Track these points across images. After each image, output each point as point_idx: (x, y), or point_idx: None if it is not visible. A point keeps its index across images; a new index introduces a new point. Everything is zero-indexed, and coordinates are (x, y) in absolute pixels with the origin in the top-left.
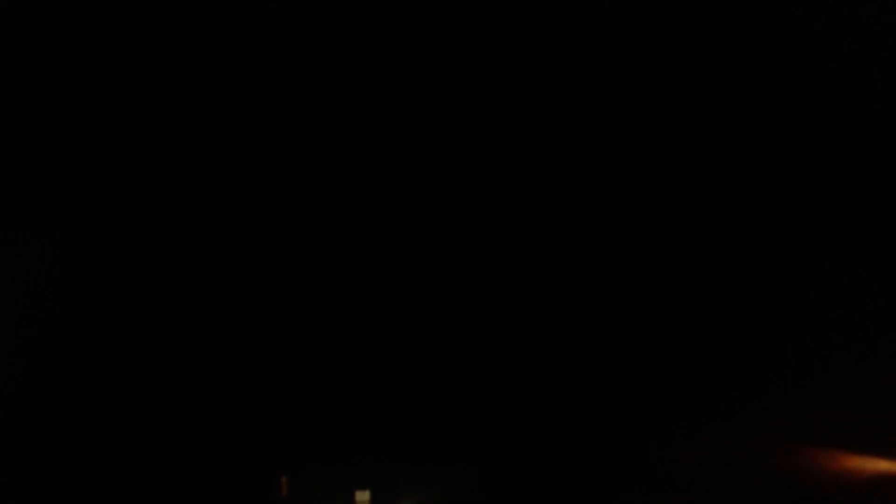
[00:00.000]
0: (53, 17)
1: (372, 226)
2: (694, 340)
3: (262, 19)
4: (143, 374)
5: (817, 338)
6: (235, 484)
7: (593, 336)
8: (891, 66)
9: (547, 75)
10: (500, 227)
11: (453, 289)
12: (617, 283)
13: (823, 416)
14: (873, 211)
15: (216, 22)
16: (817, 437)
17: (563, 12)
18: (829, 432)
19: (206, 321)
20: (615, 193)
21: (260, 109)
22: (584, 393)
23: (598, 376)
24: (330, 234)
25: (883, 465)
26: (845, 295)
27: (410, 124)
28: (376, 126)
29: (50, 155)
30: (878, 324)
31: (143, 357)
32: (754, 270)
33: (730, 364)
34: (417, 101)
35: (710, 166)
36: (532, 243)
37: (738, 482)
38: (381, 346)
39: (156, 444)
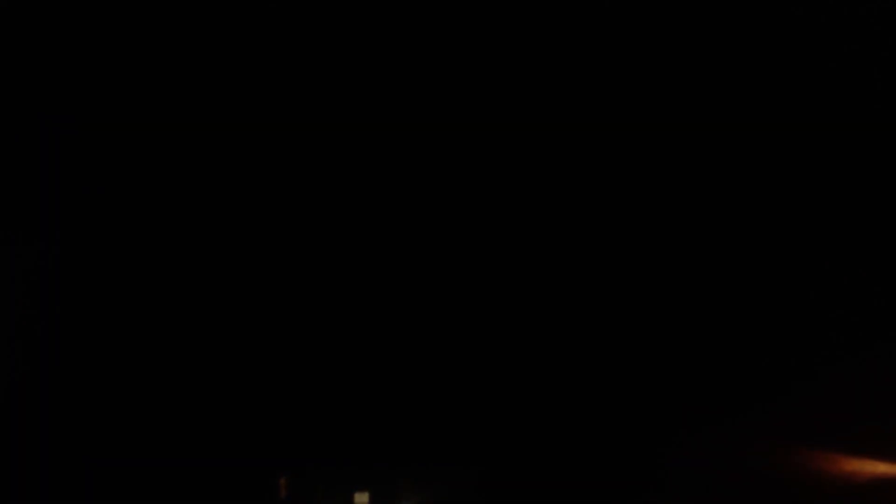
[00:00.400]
0: (53, 17)
1: (372, 226)
2: (692, 342)
3: (262, 19)
4: (142, 375)
5: (816, 339)
6: (234, 485)
7: (593, 337)
8: (891, 66)
9: (547, 75)
10: (499, 228)
11: (452, 290)
12: (615, 285)
13: (822, 418)
14: (873, 211)
15: (216, 22)
16: (816, 440)
17: (562, 12)
18: (827, 434)
19: (206, 321)
20: (615, 193)
21: (260, 109)
22: (584, 394)
23: (598, 377)
24: (330, 235)
25: (881, 468)
26: (845, 296)
27: (410, 124)
28: (376, 126)
29: (50, 155)
30: (877, 325)
31: (142, 357)
32: (754, 272)
33: (729, 365)
34: (417, 101)
35: (711, 166)
36: (532, 243)
37: (737, 484)
38: (380, 348)
39: (154, 445)
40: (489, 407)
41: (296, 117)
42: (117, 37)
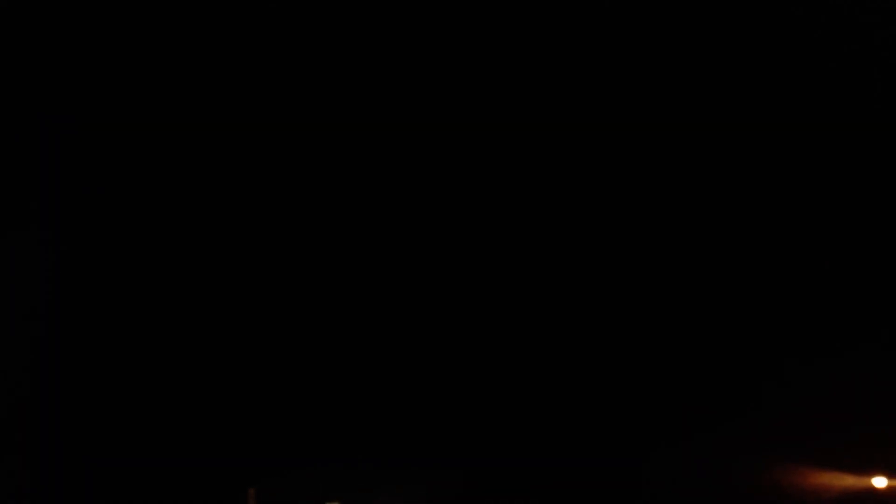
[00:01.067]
0: (53, 17)
1: (361, 232)
2: (676, 358)
3: (262, 19)
4: (120, 383)
5: (793, 356)
6: (202, 497)
7: (578, 345)
8: (891, 66)
9: (547, 75)
10: (491, 228)
11: (438, 293)
12: (610, 291)
13: (793, 432)
14: (873, 217)
15: (216, 22)
16: (787, 453)
17: (562, 12)
18: (798, 448)
19: (180, 332)
20: (615, 194)
21: (260, 109)
22: (569, 400)
23: (584, 383)
24: (321, 242)
25: (850, 481)
26: (829, 310)
27: (410, 124)
28: (376, 126)
29: (50, 155)
30: (854, 336)
31: (121, 365)
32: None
33: (707, 383)
34: (417, 101)
35: (710, 166)
36: (527, 244)
37: (712, 497)
38: (353, 354)
39: (127, 455)
40: (476, 413)
41: (296, 117)
42: (117, 37)
